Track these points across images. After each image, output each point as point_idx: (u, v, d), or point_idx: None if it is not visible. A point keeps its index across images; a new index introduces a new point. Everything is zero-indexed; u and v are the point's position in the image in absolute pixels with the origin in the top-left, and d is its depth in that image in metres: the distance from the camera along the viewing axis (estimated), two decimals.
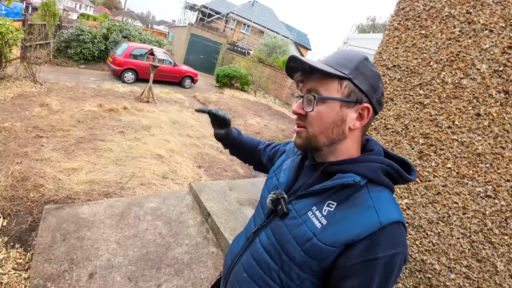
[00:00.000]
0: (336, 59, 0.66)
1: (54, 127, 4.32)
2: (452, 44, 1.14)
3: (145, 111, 6.19)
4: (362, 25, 28.03)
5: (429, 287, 1.18)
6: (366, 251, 0.57)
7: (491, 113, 1.04)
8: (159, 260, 2.28)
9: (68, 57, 10.21)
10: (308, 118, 0.67)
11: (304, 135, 0.69)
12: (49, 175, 3.08)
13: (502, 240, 1.02)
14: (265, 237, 0.73)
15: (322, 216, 0.63)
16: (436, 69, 1.18)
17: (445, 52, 1.16)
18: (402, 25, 1.31)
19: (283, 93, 12.51)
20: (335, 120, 0.65)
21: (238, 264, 0.78)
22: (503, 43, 1.03)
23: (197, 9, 23.98)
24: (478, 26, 1.08)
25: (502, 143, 1.02)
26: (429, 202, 1.18)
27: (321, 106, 0.65)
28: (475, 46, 1.08)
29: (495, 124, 1.03)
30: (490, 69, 1.05)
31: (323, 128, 0.66)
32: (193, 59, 17.03)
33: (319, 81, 0.66)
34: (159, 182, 3.51)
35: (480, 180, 1.06)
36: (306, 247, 0.63)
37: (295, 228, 0.66)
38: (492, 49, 1.05)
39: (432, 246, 1.17)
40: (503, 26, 1.03)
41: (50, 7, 8.88)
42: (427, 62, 1.21)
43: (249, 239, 0.79)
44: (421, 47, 1.24)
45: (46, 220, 2.38)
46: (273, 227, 0.71)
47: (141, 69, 8.96)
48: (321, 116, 0.66)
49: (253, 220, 0.85)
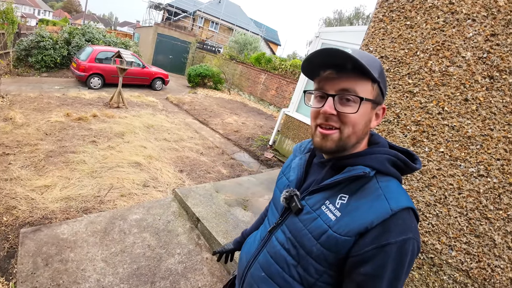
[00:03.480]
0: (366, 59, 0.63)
1: (20, 142, 4.00)
2: (437, 34, 1.18)
3: (117, 117, 5.90)
4: (330, 19, 28.75)
5: (432, 266, 1.23)
6: (378, 237, 0.59)
7: (478, 97, 1.09)
8: (152, 274, 2.18)
9: (29, 66, 9.56)
10: (345, 119, 0.65)
11: (337, 137, 0.67)
12: (20, 195, 2.84)
13: (498, 215, 1.08)
14: (282, 234, 0.74)
15: (336, 209, 0.65)
16: (423, 59, 1.22)
17: (430, 42, 1.19)
18: (387, 16, 1.34)
19: (257, 90, 12.51)
20: (366, 121, 0.68)
21: (255, 263, 0.79)
22: (486, 31, 1.08)
23: (163, 8, 23.28)
24: (461, 16, 1.12)
25: (490, 125, 1.07)
26: (426, 186, 1.23)
27: (361, 107, 0.65)
28: (459, 35, 1.13)
29: (482, 108, 1.08)
30: (474, 56, 1.10)
31: (357, 129, 0.67)
32: (162, 59, 16.51)
33: (356, 81, 0.64)
34: (141, 192, 3.36)
35: (472, 161, 1.11)
36: (322, 240, 0.64)
37: (310, 223, 0.68)
38: (475, 37, 1.10)
39: (432, 227, 1.22)
40: (485, 15, 1.08)
41: (8, 15, 8.26)
42: (414, 52, 1.25)
43: (264, 238, 0.80)
44: (407, 38, 1.27)
45: (25, 244, 2.20)
46: (289, 224, 0.73)
47: (108, 73, 8.51)
48: (360, 117, 0.66)
49: (267, 220, 0.86)
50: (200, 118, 7.42)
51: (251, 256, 0.82)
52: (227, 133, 6.56)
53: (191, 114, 7.79)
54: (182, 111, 8.06)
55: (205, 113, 7.94)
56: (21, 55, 9.43)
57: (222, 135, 6.43)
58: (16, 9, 9.10)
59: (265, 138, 6.52)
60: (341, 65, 0.63)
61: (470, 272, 1.15)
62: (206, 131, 6.52)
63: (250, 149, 5.74)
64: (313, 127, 0.71)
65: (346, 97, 0.64)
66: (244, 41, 16.84)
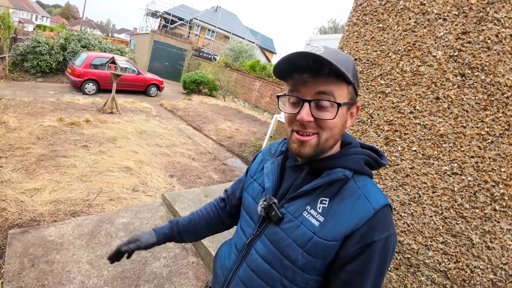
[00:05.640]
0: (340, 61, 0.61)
1: (12, 146, 3.99)
2: (408, 35, 1.20)
3: (109, 123, 5.88)
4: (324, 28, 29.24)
5: (410, 267, 1.22)
6: (363, 237, 0.60)
7: (449, 95, 1.10)
8: (136, 277, 2.15)
9: (24, 70, 9.57)
10: (323, 124, 0.64)
11: (315, 142, 0.65)
12: (10, 197, 2.85)
13: (474, 214, 1.08)
14: (262, 246, 0.70)
15: (318, 213, 0.64)
16: (394, 59, 1.24)
17: (402, 43, 1.22)
18: (361, 20, 1.37)
19: (252, 97, 12.58)
20: (343, 123, 0.67)
21: (234, 279, 0.74)
22: (457, 30, 1.10)
23: (160, 16, 23.49)
24: (432, 16, 1.15)
25: (463, 122, 1.08)
26: (399, 185, 1.23)
27: (338, 112, 0.63)
28: (430, 35, 1.15)
29: (454, 106, 1.10)
30: (445, 55, 1.12)
31: (335, 132, 0.66)
32: (158, 66, 16.59)
33: (333, 84, 0.62)
34: (130, 196, 3.34)
35: (445, 159, 1.12)
36: (308, 247, 0.63)
37: (293, 231, 0.65)
38: (446, 36, 1.12)
39: (407, 226, 1.21)
40: (456, 14, 1.10)
41: (4, 19, 8.33)
42: (386, 54, 1.27)
43: (242, 251, 0.75)
44: (380, 40, 1.30)
45: (12, 245, 2.21)
46: (269, 234, 0.70)
47: (103, 79, 8.53)
48: (338, 120, 0.65)
49: (242, 232, 0.79)
50: (194, 124, 7.42)
51: (228, 271, 0.77)
52: (220, 139, 6.56)
53: (185, 120, 7.79)
54: (176, 117, 8.06)
55: (199, 119, 7.95)
56: (16, 60, 9.45)
57: (215, 141, 6.42)
58: (13, 14, 9.18)
59: (258, 144, 6.53)
60: (317, 68, 0.60)
61: (448, 273, 1.13)
62: (199, 137, 6.52)
63: (242, 155, 5.74)
64: (289, 132, 0.68)
65: (323, 103, 0.62)
66: (239, 49, 17.01)
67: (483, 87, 1.05)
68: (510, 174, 1.01)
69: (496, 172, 1.03)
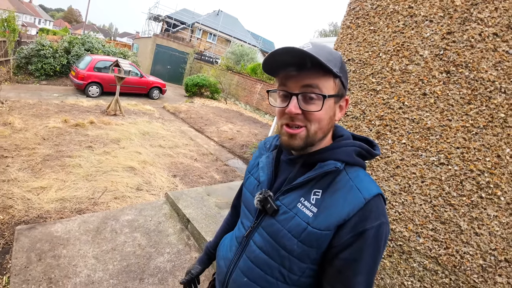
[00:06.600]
0: (325, 55, 0.63)
1: (18, 146, 4.08)
2: (397, 36, 1.29)
3: (113, 124, 5.99)
4: (325, 31, 29.40)
5: (402, 253, 1.29)
6: (356, 226, 0.62)
7: (435, 91, 1.18)
8: (141, 271, 2.22)
9: (28, 73, 9.69)
10: (311, 116, 0.66)
11: (303, 135, 0.67)
12: (17, 195, 2.92)
13: (461, 201, 1.13)
14: (259, 237, 0.74)
15: (312, 205, 0.67)
16: (385, 59, 1.33)
17: (391, 44, 1.30)
18: (354, 23, 1.46)
19: (253, 99, 12.68)
20: (331, 116, 0.69)
21: (235, 270, 0.77)
22: (442, 30, 1.18)
23: (162, 20, 23.73)
24: (419, 18, 1.24)
25: (448, 116, 1.16)
26: (390, 176, 1.30)
27: (325, 104, 0.65)
28: (417, 35, 1.23)
29: (440, 101, 1.17)
30: (432, 54, 1.20)
31: (323, 124, 0.68)
32: (160, 69, 16.74)
33: (319, 78, 0.64)
34: (134, 195, 3.42)
35: (432, 150, 1.19)
36: (302, 237, 0.65)
37: (288, 222, 0.68)
38: (432, 36, 1.20)
39: (399, 215, 1.28)
40: (441, 15, 1.18)
41: (10, 23, 8.43)
42: (377, 54, 1.36)
43: (242, 243, 0.79)
44: (371, 41, 1.38)
45: (19, 241, 2.27)
46: (266, 226, 0.73)
47: (106, 82, 8.66)
48: (325, 113, 0.67)
49: (241, 224, 0.84)
50: (196, 126, 7.52)
51: (229, 262, 0.80)
52: (222, 140, 6.65)
53: (187, 122, 7.89)
54: (178, 119, 8.16)
55: (201, 122, 8.04)
56: (21, 63, 9.57)
57: (217, 143, 6.51)
58: (17, 18, 9.31)
59: None
60: (302, 63, 0.63)
61: (439, 259, 1.18)
62: (201, 139, 6.60)
63: (244, 156, 5.82)
64: (279, 126, 0.71)
65: (310, 95, 0.64)
66: (241, 52, 17.16)
67: (467, 83, 1.12)
68: (494, 163, 1.06)
69: (481, 162, 1.09)
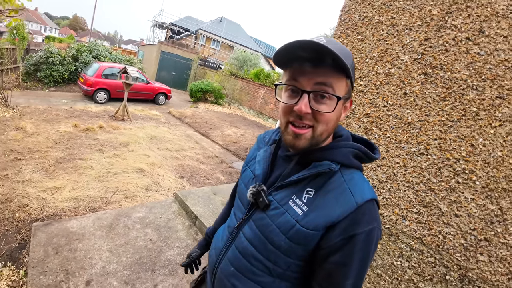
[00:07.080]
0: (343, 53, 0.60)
1: (31, 149, 4.28)
2: (381, 43, 1.46)
3: (122, 129, 6.21)
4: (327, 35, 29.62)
5: (390, 236, 1.43)
6: (346, 229, 0.61)
7: (415, 91, 1.34)
8: (152, 263, 2.38)
9: (37, 80, 9.95)
10: (320, 117, 0.63)
11: (309, 136, 0.65)
12: (32, 195, 3.08)
13: (440, 186, 1.24)
14: (249, 229, 0.74)
15: (303, 203, 0.66)
16: (370, 64, 1.50)
17: (376, 50, 1.48)
18: (344, 33, 1.63)
19: (256, 104, 12.90)
20: (338, 117, 0.67)
21: (224, 259, 0.78)
22: (420, 37, 1.34)
23: (166, 27, 24.21)
24: (400, 27, 1.40)
25: (426, 112, 1.31)
26: (378, 166, 1.46)
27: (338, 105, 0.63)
28: (398, 42, 1.40)
29: (419, 99, 1.33)
30: (411, 58, 1.36)
31: (330, 125, 0.66)
32: (165, 76, 17.08)
33: (333, 76, 0.62)
34: (144, 194, 3.59)
35: (413, 142, 1.34)
36: (290, 234, 0.65)
37: (278, 218, 0.68)
38: (411, 43, 1.36)
39: (386, 201, 1.43)
40: (420, 24, 1.34)
41: (19, 31, 8.72)
42: (364, 60, 1.53)
43: (232, 233, 0.79)
44: (359, 49, 1.56)
45: (36, 236, 2.42)
46: (256, 219, 0.73)
47: (114, 89, 8.93)
48: (335, 114, 0.65)
49: (234, 215, 0.84)
50: (201, 130, 7.72)
51: (219, 251, 0.81)
52: (227, 144, 6.83)
53: (192, 126, 8.10)
54: (184, 124, 8.38)
55: (205, 126, 8.25)
56: (30, 70, 9.82)
57: (221, 146, 6.69)
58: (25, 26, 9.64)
59: None
60: (319, 59, 0.59)
61: (423, 240, 1.30)
62: (206, 142, 6.79)
63: None
64: (283, 123, 0.68)
65: (322, 94, 0.61)
66: (244, 58, 17.46)
67: (442, 82, 1.27)
68: (469, 152, 1.19)
69: (457, 151, 1.22)
